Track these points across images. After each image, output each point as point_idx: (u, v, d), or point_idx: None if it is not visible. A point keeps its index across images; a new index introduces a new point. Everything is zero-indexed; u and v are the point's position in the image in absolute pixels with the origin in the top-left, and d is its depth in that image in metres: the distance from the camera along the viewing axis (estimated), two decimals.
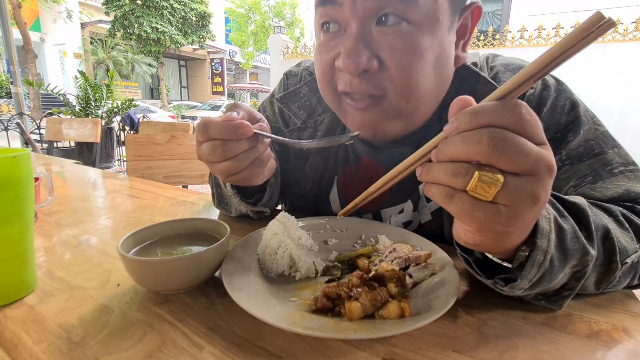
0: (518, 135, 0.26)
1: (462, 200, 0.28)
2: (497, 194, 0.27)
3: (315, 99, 0.65)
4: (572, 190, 0.48)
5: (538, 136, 0.27)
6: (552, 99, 0.51)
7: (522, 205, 0.27)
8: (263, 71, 24.39)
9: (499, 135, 0.26)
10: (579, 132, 0.49)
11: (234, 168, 0.45)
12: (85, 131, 2.17)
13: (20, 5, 7.73)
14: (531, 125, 0.27)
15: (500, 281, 0.37)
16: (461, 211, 0.28)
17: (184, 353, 0.32)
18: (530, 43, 5.70)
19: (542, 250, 0.32)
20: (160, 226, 0.48)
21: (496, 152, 0.26)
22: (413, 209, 0.59)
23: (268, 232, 0.47)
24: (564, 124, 0.50)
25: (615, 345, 0.34)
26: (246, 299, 0.36)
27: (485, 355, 0.32)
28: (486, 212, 0.27)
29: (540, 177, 0.27)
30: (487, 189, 0.27)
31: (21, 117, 4.70)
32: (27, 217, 0.40)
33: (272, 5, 17.65)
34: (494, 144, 0.26)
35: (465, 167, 0.27)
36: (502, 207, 0.27)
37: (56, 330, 0.35)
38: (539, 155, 0.26)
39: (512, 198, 0.27)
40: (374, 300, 0.35)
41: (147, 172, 1.42)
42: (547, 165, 0.27)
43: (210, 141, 0.44)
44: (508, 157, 0.26)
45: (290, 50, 7.88)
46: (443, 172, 0.28)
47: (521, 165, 0.26)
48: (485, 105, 0.27)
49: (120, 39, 14.19)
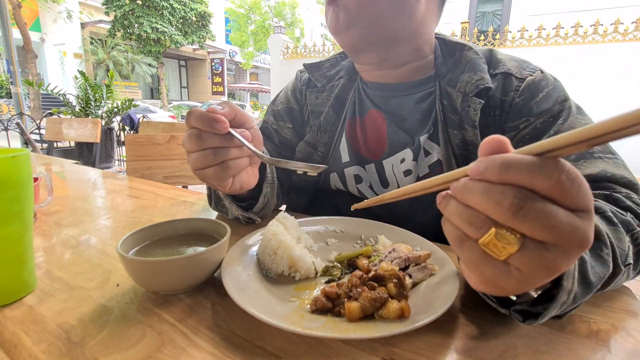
0: (549, 202, 0.22)
1: (471, 250, 0.25)
2: (510, 256, 0.24)
3: (334, 71, 0.77)
4: None
5: (577, 204, 0.23)
6: (549, 89, 0.56)
7: (536, 274, 0.24)
8: (263, 71, 24.40)
9: (523, 201, 0.22)
10: (568, 119, 0.53)
11: (200, 162, 0.44)
12: (85, 131, 2.17)
13: (20, 5, 7.73)
14: (569, 193, 0.22)
15: (517, 314, 0.34)
16: (469, 261, 0.26)
17: (183, 353, 0.32)
18: (531, 43, 5.70)
19: (567, 290, 0.31)
20: (160, 226, 0.48)
21: (515, 219, 0.23)
22: (413, 158, 0.63)
23: (268, 232, 0.47)
24: (557, 111, 0.54)
25: (615, 345, 0.34)
26: (246, 299, 0.36)
27: (485, 355, 0.32)
28: (495, 271, 0.25)
29: (567, 250, 0.23)
30: (500, 249, 0.24)
31: (21, 117, 4.70)
32: (26, 217, 0.40)
33: (272, 5, 17.67)
34: (514, 210, 0.22)
35: (482, 220, 0.24)
36: (515, 269, 0.24)
37: (55, 331, 0.35)
38: (569, 228, 0.22)
39: (527, 264, 0.24)
40: (373, 300, 0.35)
41: (147, 172, 1.42)
42: (579, 239, 0.23)
43: (190, 129, 0.44)
44: (529, 226, 0.22)
45: (290, 50, 7.89)
46: (458, 216, 0.26)
47: (544, 236, 0.23)
48: (519, 160, 0.22)
49: (120, 39, 14.19)
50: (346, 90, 0.73)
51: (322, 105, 0.74)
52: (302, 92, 0.79)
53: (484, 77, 0.57)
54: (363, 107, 0.71)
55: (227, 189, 0.48)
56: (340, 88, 0.73)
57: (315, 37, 23.04)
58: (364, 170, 0.69)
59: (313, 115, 0.76)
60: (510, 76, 0.57)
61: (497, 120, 0.58)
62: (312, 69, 0.78)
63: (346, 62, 0.77)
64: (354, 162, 0.70)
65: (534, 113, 0.54)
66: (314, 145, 0.73)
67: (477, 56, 0.60)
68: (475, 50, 0.61)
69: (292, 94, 0.81)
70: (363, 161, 0.69)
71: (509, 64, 0.59)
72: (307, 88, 0.78)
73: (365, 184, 0.69)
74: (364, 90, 0.72)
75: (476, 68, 0.58)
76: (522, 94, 0.56)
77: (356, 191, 0.70)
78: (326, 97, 0.74)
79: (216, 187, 0.48)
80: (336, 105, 0.72)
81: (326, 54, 7.44)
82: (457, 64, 0.62)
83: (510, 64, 0.59)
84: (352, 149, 0.71)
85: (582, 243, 0.23)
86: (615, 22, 5.17)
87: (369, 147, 0.69)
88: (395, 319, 0.34)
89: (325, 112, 0.73)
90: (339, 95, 0.73)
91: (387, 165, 0.66)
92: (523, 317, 0.33)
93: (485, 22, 9.01)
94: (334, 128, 0.72)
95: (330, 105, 0.73)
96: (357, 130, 0.71)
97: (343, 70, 0.75)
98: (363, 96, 0.71)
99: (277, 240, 0.45)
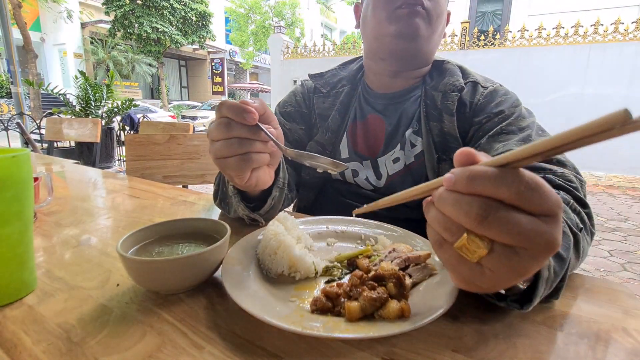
0: (514, 210, 0.25)
1: (449, 252, 0.28)
2: (482, 259, 0.26)
3: (336, 80, 0.88)
4: (502, 147, 0.60)
5: (542, 210, 0.25)
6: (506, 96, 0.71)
7: (507, 275, 0.26)
8: (263, 71, 24.39)
9: (487, 212, 0.25)
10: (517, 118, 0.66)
11: (224, 150, 0.46)
12: (85, 131, 2.17)
13: (20, 5, 7.73)
14: (530, 200, 0.25)
15: (514, 304, 0.37)
16: (447, 262, 0.29)
17: (183, 353, 0.32)
18: (531, 43, 5.70)
19: (545, 266, 0.33)
20: (160, 226, 0.48)
21: (482, 227, 0.25)
22: (400, 148, 0.77)
23: (268, 232, 0.47)
24: (509, 112, 0.67)
25: (615, 345, 0.34)
26: (246, 299, 0.36)
27: (485, 355, 0.32)
28: (470, 271, 0.27)
29: (535, 253, 0.25)
30: (472, 252, 0.26)
31: (21, 117, 4.70)
32: (26, 217, 0.40)
33: (272, 5, 17.65)
34: (480, 219, 0.25)
35: (456, 226, 0.27)
36: (487, 270, 0.27)
37: (56, 330, 0.35)
38: (534, 233, 0.25)
39: (497, 266, 0.26)
40: (373, 300, 0.35)
41: (147, 172, 1.42)
42: (545, 243, 0.25)
43: (219, 119, 0.46)
44: (494, 232, 0.25)
45: (290, 50, 7.89)
46: (437, 222, 0.29)
47: (510, 241, 0.25)
48: (482, 172, 0.25)
49: (121, 39, 14.18)
50: (349, 97, 0.85)
51: (329, 109, 0.85)
52: (309, 98, 0.90)
53: (460, 80, 0.74)
54: (363, 112, 0.83)
55: (243, 182, 0.48)
56: (345, 95, 0.85)
57: (315, 37, 23.04)
58: (361, 165, 0.80)
59: (320, 118, 0.85)
60: (477, 84, 0.73)
61: (466, 117, 0.72)
62: (316, 78, 0.90)
63: (345, 72, 0.90)
64: (353, 158, 0.81)
65: (493, 112, 0.68)
66: (322, 144, 0.83)
67: (453, 66, 0.78)
68: (452, 63, 0.80)
69: (301, 98, 0.90)
70: (361, 158, 0.80)
71: (476, 77, 0.76)
72: (314, 94, 0.89)
73: (361, 177, 0.80)
74: (365, 98, 0.84)
75: (454, 74, 0.76)
76: (486, 97, 0.71)
77: (353, 181, 0.81)
78: (332, 102, 0.85)
79: (233, 178, 0.48)
80: (342, 109, 0.84)
81: (326, 54, 7.44)
82: (439, 73, 0.79)
83: (477, 77, 0.75)
84: (352, 147, 0.82)
85: (549, 246, 0.25)
86: (615, 22, 5.17)
87: (368, 146, 0.80)
88: (395, 319, 0.34)
89: (332, 116, 0.83)
90: (344, 101, 0.84)
91: (381, 162, 0.79)
92: (520, 305, 0.36)
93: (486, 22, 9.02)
94: (339, 129, 0.83)
95: (336, 110, 0.83)
96: (357, 132, 0.82)
97: (345, 80, 0.87)
98: (363, 103, 0.83)
99: (277, 240, 0.45)
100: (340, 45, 7.33)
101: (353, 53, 7.01)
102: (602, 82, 5.29)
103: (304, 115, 0.88)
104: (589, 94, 5.31)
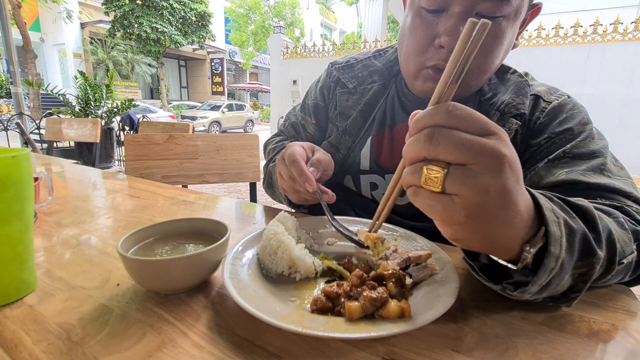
0: (453, 129, 0.29)
1: (422, 195, 0.31)
2: (444, 185, 0.29)
3: (366, 73, 0.76)
4: (564, 174, 0.52)
5: (477, 127, 0.29)
6: (573, 112, 0.59)
7: (471, 194, 0.28)
8: (263, 71, 24.37)
9: (432, 132, 0.29)
10: (586, 139, 0.56)
11: (287, 188, 0.61)
12: (85, 131, 2.16)
13: (20, 5, 7.72)
14: (463, 118, 0.29)
15: (510, 286, 0.36)
16: (423, 205, 0.31)
17: (183, 353, 0.32)
18: (531, 43, 5.70)
19: (555, 256, 0.32)
20: (160, 226, 0.48)
21: (432, 147, 0.29)
22: None
23: (268, 232, 0.47)
24: (577, 131, 0.57)
25: (615, 345, 0.34)
26: (246, 299, 0.36)
27: (485, 355, 0.32)
28: (443, 204, 0.30)
29: (486, 166, 0.28)
30: (434, 180, 0.29)
31: (21, 117, 4.70)
32: (26, 217, 0.40)
33: (272, 5, 17.64)
34: (428, 139, 0.29)
35: (418, 165, 0.31)
36: (455, 197, 0.29)
37: (56, 330, 0.35)
38: (478, 145, 0.28)
39: (459, 187, 0.28)
40: (373, 300, 0.35)
41: (146, 172, 1.42)
42: (490, 153, 0.28)
43: (289, 171, 0.58)
44: (443, 148, 0.28)
45: (290, 50, 7.88)
46: (406, 174, 0.32)
47: (458, 155, 0.28)
48: (422, 112, 0.31)
49: (120, 39, 14.17)
50: (377, 97, 0.73)
51: (351, 109, 0.74)
52: (330, 89, 0.79)
53: (525, 103, 0.61)
54: (394, 119, 0.71)
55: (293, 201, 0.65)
56: (372, 94, 0.73)
57: (315, 37, 23.04)
58: (382, 179, 0.69)
59: (341, 116, 0.75)
60: (539, 99, 0.62)
61: (522, 138, 0.61)
62: (343, 70, 0.78)
63: (381, 63, 0.76)
64: (374, 170, 0.70)
65: (556, 131, 0.57)
66: (336, 147, 0.74)
67: (521, 79, 0.65)
68: (519, 74, 0.66)
69: (319, 90, 0.81)
70: (384, 171, 0.69)
71: (538, 88, 0.64)
72: (337, 86, 0.78)
73: (380, 191, 0.69)
74: (400, 101, 0.71)
75: (520, 92, 0.63)
76: (547, 115, 0.60)
77: (369, 196, 0.71)
78: (356, 101, 0.74)
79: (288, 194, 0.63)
80: (365, 111, 0.73)
81: (326, 54, 7.43)
82: (500, 85, 0.66)
83: (539, 88, 0.64)
84: (374, 158, 0.70)
85: (495, 155, 0.28)
86: (615, 22, 5.17)
87: (393, 159, 0.69)
88: (395, 318, 0.34)
89: (353, 117, 0.73)
90: (369, 102, 0.73)
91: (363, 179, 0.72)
92: (515, 287, 0.35)
93: None
94: (358, 133, 0.73)
95: (359, 111, 0.73)
96: (384, 142, 0.70)
97: (377, 75, 0.75)
98: (397, 107, 0.71)
99: (277, 240, 0.45)
100: (340, 45, 7.33)
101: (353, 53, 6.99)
102: (602, 82, 5.28)
103: (319, 108, 0.80)
104: (588, 94, 5.31)
